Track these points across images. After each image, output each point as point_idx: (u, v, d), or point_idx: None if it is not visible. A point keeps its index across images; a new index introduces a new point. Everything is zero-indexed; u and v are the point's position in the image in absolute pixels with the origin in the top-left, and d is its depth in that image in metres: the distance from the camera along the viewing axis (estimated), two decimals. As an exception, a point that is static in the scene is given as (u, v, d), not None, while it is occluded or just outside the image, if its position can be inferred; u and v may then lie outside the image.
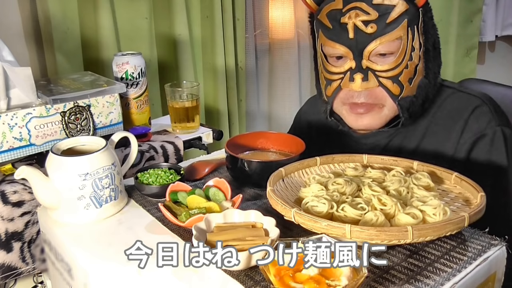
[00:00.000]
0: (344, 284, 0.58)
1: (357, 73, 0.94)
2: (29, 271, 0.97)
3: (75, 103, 1.03)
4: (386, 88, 0.94)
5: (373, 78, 0.94)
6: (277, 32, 2.11)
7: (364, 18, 0.92)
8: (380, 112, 0.98)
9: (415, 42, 0.93)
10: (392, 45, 0.92)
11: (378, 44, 0.92)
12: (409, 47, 0.93)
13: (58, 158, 0.82)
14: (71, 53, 1.44)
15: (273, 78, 2.15)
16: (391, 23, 0.92)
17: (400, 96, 0.95)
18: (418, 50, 0.94)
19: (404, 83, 0.94)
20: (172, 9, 1.66)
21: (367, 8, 0.92)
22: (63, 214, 0.83)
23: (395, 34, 0.92)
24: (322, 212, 0.71)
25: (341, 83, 0.97)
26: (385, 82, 0.94)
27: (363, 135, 1.05)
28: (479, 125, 0.94)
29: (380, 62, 0.94)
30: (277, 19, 2.11)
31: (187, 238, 0.76)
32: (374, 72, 0.94)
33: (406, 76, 0.94)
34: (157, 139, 1.21)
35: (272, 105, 2.19)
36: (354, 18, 0.92)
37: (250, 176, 0.91)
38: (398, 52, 0.93)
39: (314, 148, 1.00)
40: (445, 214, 0.70)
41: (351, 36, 0.93)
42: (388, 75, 0.94)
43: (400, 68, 0.93)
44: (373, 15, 0.91)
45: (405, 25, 0.92)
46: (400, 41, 0.92)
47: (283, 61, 2.13)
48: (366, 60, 0.94)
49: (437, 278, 0.64)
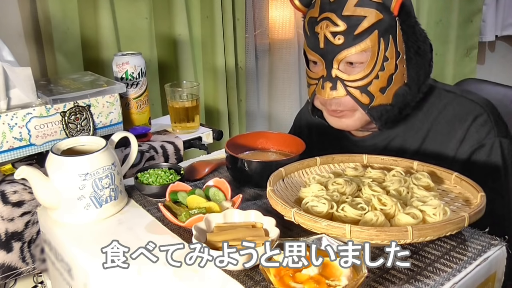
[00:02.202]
0: (344, 284, 0.58)
1: (327, 81, 0.96)
2: (29, 271, 0.97)
3: (75, 103, 1.03)
4: (354, 98, 0.95)
5: (341, 87, 0.95)
6: (277, 32, 2.11)
7: (333, 29, 0.92)
8: (354, 115, 0.98)
9: (390, 51, 0.92)
10: (360, 56, 0.92)
11: (345, 56, 0.93)
12: (381, 58, 0.92)
13: (58, 158, 0.82)
14: (71, 53, 1.44)
15: (273, 78, 2.15)
16: (359, 34, 0.91)
17: (371, 105, 0.95)
18: (393, 59, 0.93)
19: (375, 93, 0.94)
20: (172, 9, 1.66)
21: (336, 19, 0.92)
22: (63, 214, 0.83)
23: (362, 46, 0.91)
24: (322, 212, 0.71)
25: (316, 89, 0.99)
26: (353, 92, 0.94)
27: (361, 138, 1.07)
28: (479, 136, 0.95)
29: (349, 72, 0.94)
30: (277, 19, 2.11)
31: (187, 238, 0.76)
32: (342, 82, 0.94)
33: (376, 86, 0.93)
34: (157, 139, 1.21)
35: (272, 105, 2.19)
36: (325, 28, 0.93)
37: (250, 176, 0.91)
38: (367, 63, 0.93)
39: (314, 149, 1.00)
40: (445, 214, 0.70)
41: (322, 46, 0.95)
42: (356, 85, 0.94)
43: (369, 79, 0.93)
44: (341, 26, 0.92)
45: (375, 36, 0.91)
46: (369, 52, 0.92)
47: (283, 61, 2.13)
48: (336, 69, 0.94)
49: (437, 278, 0.64)
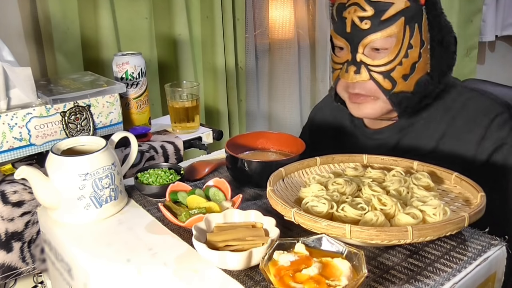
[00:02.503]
0: (344, 284, 0.58)
1: (351, 65, 0.98)
2: (29, 271, 0.97)
3: (75, 103, 1.03)
4: (377, 82, 0.97)
5: (365, 71, 0.97)
6: (277, 32, 2.11)
7: (360, 14, 0.95)
8: (375, 104, 1.00)
9: (415, 39, 0.94)
10: (386, 42, 0.95)
11: (370, 40, 0.95)
12: (405, 45, 0.95)
13: (58, 158, 0.82)
14: (71, 53, 1.44)
15: (273, 78, 2.15)
16: (385, 20, 0.94)
17: (392, 91, 0.97)
18: (418, 47, 0.95)
19: (397, 79, 0.96)
20: (172, 9, 1.66)
21: (364, 4, 0.95)
22: (63, 214, 0.83)
23: (388, 31, 0.94)
24: (322, 212, 0.71)
25: (340, 73, 1.02)
26: (376, 77, 0.97)
27: (375, 131, 1.08)
28: (500, 134, 0.95)
29: (373, 57, 0.96)
30: (277, 19, 2.11)
31: (187, 238, 0.76)
32: (366, 66, 0.97)
33: (399, 73, 0.96)
34: (157, 139, 1.21)
35: (272, 105, 2.19)
36: (353, 13, 0.96)
37: (250, 176, 0.91)
38: (391, 49, 0.95)
39: (327, 143, 1.00)
40: (445, 214, 0.70)
41: (348, 30, 0.97)
42: (379, 70, 0.96)
43: (392, 65, 0.95)
44: (369, 11, 0.94)
45: (401, 22, 0.94)
46: (394, 38, 0.94)
47: (283, 61, 2.13)
48: (361, 54, 0.97)
49: (437, 278, 0.64)
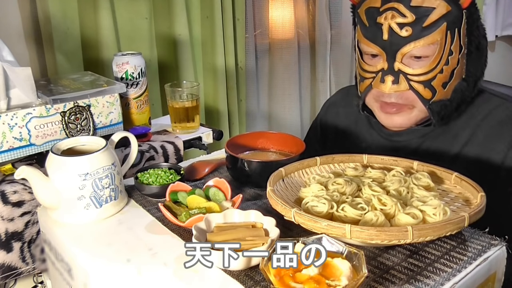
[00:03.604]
0: (344, 284, 0.58)
1: (388, 75, 0.93)
2: (29, 271, 0.97)
3: (75, 103, 1.03)
4: (417, 92, 0.92)
5: (404, 81, 0.92)
6: (277, 32, 2.11)
7: (400, 20, 0.89)
8: (411, 113, 0.96)
9: (455, 45, 0.90)
10: (427, 49, 0.90)
11: (412, 48, 0.90)
12: (446, 51, 0.90)
13: (58, 158, 0.82)
14: (71, 53, 1.44)
15: (273, 78, 2.15)
16: (428, 26, 0.88)
17: (432, 100, 0.93)
18: (457, 53, 0.91)
19: (437, 87, 0.92)
20: (172, 9, 1.66)
21: (404, 10, 0.89)
22: (63, 214, 0.83)
23: (431, 39, 0.89)
24: (322, 212, 0.71)
25: (373, 82, 0.96)
26: (416, 86, 0.92)
27: (395, 132, 1.03)
28: None
29: (413, 66, 0.91)
30: (277, 19, 2.11)
31: (187, 238, 0.76)
32: (405, 75, 0.92)
33: (439, 81, 0.91)
34: (157, 139, 1.21)
35: (272, 105, 2.19)
36: (390, 19, 0.90)
37: (250, 176, 0.91)
38: (433, 56, 0.90)
39: (338, 139, 0.98)
40: (445, 214, 0.70)
41: (385, 37, 0.91)
42: (420, 79, 0.91)
43: (433, 73, 0.91)
44: (409, 17, 0.88)
45: (443, 28, 0.89)
46: (437, 45, 0.89)
47: (283, 61, 2.13)
48: (399, 62, 0.92)
49: (437, 278, 0.64)
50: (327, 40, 2.18)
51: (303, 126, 2.28)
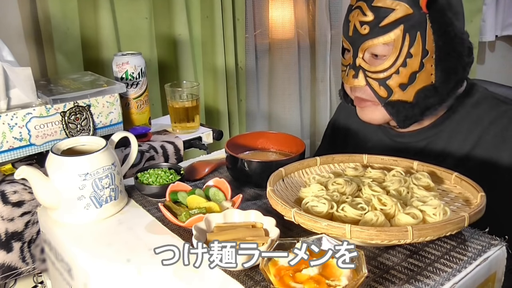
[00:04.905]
0: (344, 284, 0.58)
1: (351, 69, 0.98)
2: (29, 271, 0.97)
3: (75, 103, 1.03)
4: (372, 89, 0.96)
5: (362, 77, 0.96)
6: (277, 32, 2.11)
7: (361, 18, 0.94)
8: (376, 109, 0.99)
9: (415, 48, 0.91)
10: (383, 49, 0.93)
11: (370, 46, 0.94)
12: (404, 53, 0.92)
13: (58, 158, 0.82)
14: (71, 53, 1.44)
15: (273, 78, 2.16)
16: (384, 27, 0.92)
17: (388, 99, 0.95)
18: (419, 56, 0.92)
19: (394, 88, 0.94)
20: (172, 9, 1.66)
21: (366, 9, 0.93)
22: (63, 214, 0.83)
23: (386, 38, 0.92)
24: (322, 212, 0.71)
25: (342, 75, 1.02)
26: (372, 83, 0.95)
27: (399, 133, 1.05)
28: None
29: (373, 63, 0.95)
30: (277, 19, 2.11)
31: (187, 238, 0.76)
32: (364, 71, 0.96)
33: (395, 81, 0.93)
34: (157, 139, 1.21)
35: (272, 105, 2.19)
36: (356, 17, 0.95)
37: (250, 176, 0.91)
38: (389, 56, 0.93)
39: (349, 141, 1.03)
40: (445, 214, 0.70)
41: (350, 33, 0.97)
42: (376, 76, 0.94)
43: (388, 72, 0.93)
44: (369, 16, 0.93)
45: (400, 30, 0.91)
46: (391, 46, 0.92)
47: (283, 61, 2.13)
48: (360, 58, 0.96)
49: (437, 278, 0.64)
50: (327, 40, 2.18)
51: (303, 126, 2.28)
